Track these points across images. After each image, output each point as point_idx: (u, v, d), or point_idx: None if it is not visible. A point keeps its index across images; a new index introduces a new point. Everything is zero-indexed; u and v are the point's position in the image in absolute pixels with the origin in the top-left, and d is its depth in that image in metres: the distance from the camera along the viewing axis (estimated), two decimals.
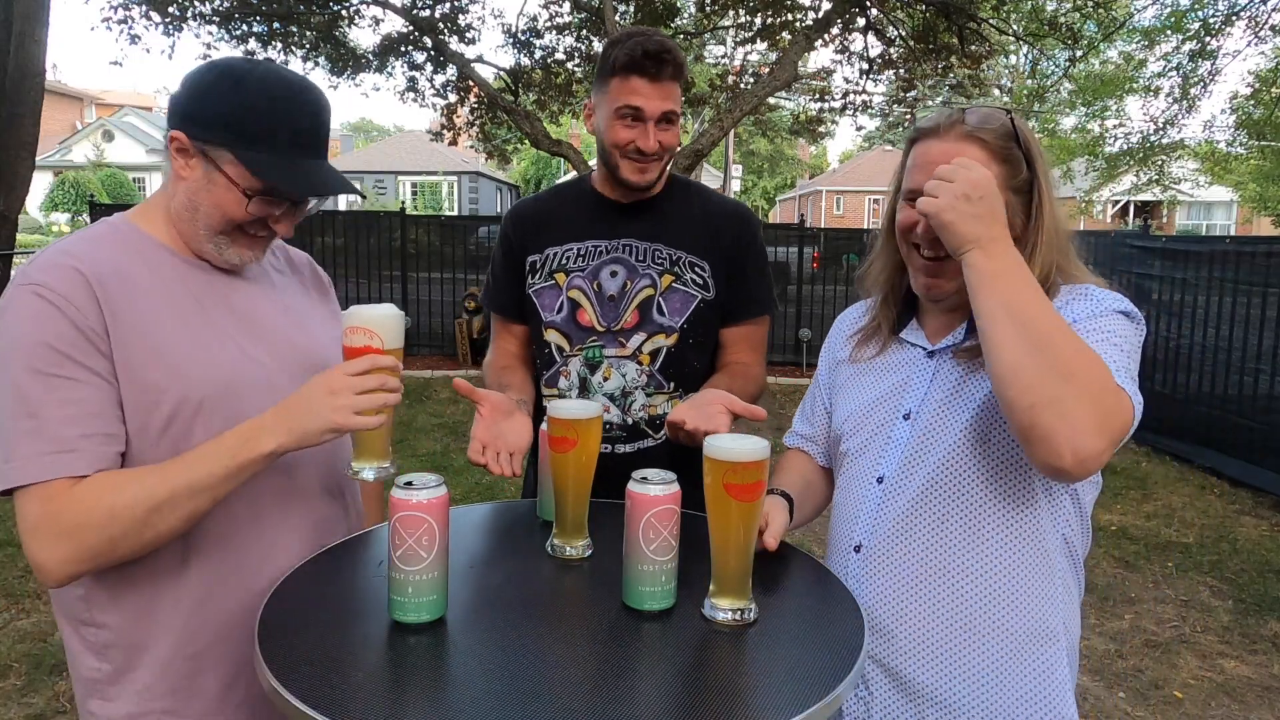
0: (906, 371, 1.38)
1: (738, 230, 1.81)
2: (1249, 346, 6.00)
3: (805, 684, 0.99)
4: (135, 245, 1.24)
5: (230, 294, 1.29)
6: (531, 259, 1.84)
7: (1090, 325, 1.20)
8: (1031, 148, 1.28)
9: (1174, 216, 32.83)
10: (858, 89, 11.74)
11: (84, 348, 1.12)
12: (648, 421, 1.78)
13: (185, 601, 1.21)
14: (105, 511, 1.09)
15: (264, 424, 1.15)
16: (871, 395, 1.41)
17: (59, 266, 1.14)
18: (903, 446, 1.33)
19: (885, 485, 1.34)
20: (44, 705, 2.94)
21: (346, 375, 1.15)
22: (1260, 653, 3.67)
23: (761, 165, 48.06)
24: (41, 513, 1.09)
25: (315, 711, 0.90)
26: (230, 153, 1.19)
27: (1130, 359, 1.20)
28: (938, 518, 1.28)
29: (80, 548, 1.09)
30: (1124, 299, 1.27)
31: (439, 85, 11.98)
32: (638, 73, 1.64)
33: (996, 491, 1.26)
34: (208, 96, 1.20)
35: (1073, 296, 1.26)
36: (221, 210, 1.22)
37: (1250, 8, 12.12)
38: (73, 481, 1.10)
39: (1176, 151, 16.98)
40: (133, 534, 1.11)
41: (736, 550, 1.16)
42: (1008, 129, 1.27)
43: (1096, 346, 1.15)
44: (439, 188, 35.58)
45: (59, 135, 33.65)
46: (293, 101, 1.21)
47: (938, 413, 1.31)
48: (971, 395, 1.28)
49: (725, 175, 23.74)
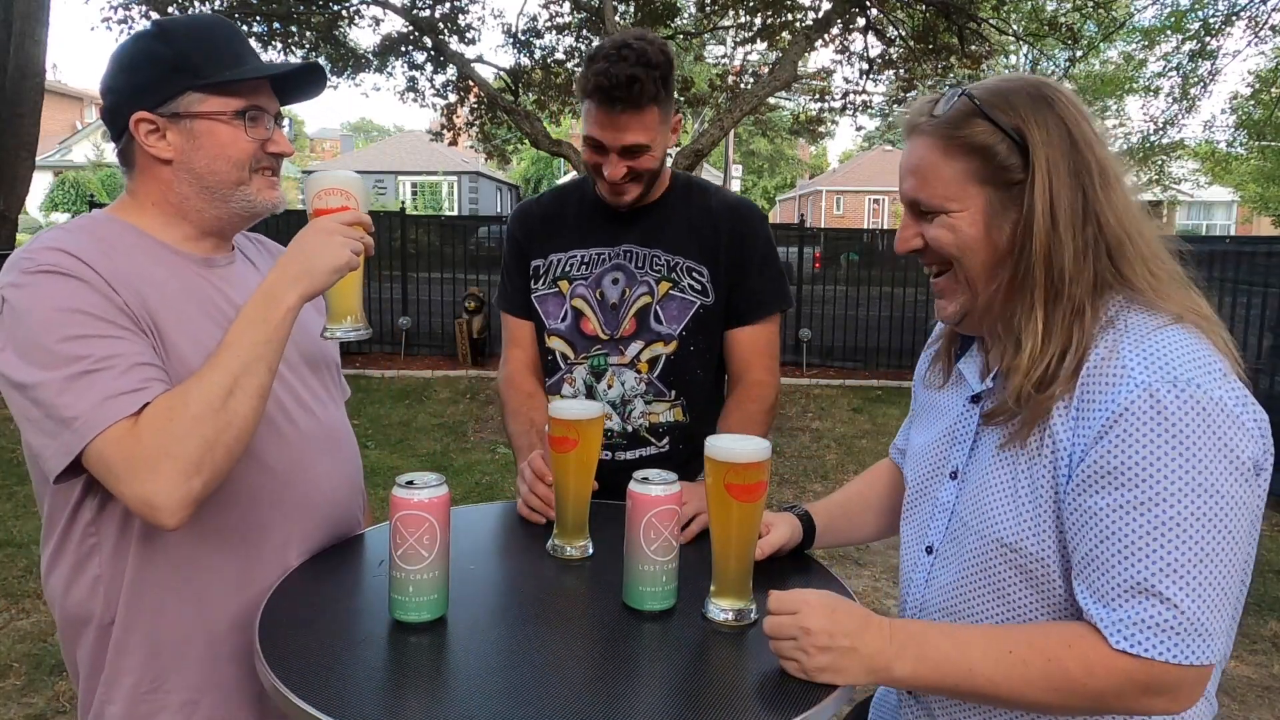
0: (954, 418, 1.15)
1: (737, 228, 1.75)
2: (1249, 346, 5.99)
3: (805, 684, 0.99)
4: (124, 237, 1.21)
5: (223, 285, 1.28)
6: (535, 263, 1.81)
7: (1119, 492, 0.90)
8: (1023, 121, 0.98)
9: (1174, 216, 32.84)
10: (858, 89, 11.73)
11: (114, 312, 1.11)
12: (648, 429, 1.77)
13: (188, 599, 1.21)
14: (186, 419, 1.06)
15: (274, 283, 1.15)
16: (927, 438, 1.20)
17: (59, 252, 1.12)
18: (948, 513, 1.13)
19: (935, 557, 1.14)
20: (44, 705, 2.94)
21: (335, 222, 1.18)
22: (1260, 653, 3.67)
23: (761, 165, 48.06)
24: (120, 454, 1.05)
25: (317, 710, 0.90)
26: (196, 92, 1.20)
27: (1197, 548, 0.88)
28: (981, 602, 1.06)
29: (181, 463, 1.05)
30: (1191, 353, 0.92)
31: (439, 85, 11.98)
32: (598, 103, 1.56)
33: (1036, 593, 1.01)
34: (147, 61, 1.20)
35: (1090, 386, 0.94)
36: (226, 156, 1.22)
37: (1250, 8, 12.14)
38: (131, 420, 1.06)
39: (1176, 151, 16.99)
40: (221, 427, 1.07)
41: (737, 550, 1.16)
42: (965, 111, 1.00)
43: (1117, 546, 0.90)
44: (439, 188, 35.58)
45: (59, 135, 33.63)
46: (213, 26, 1.24)
47: (983, 477, 1.06)
48: (1014, 464, 1.01)
49: (725, 175, 23.74)
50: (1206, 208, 33.84)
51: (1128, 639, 0.90)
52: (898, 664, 0.97)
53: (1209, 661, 0.89)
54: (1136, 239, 0.98)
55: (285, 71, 1.26)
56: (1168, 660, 0.88)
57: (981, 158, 0.99)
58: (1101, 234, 0.97)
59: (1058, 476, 0.97)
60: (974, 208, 1.01)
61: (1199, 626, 0.88)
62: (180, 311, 1.19)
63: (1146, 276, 0.98)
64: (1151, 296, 0.97)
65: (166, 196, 1.24)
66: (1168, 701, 0.92)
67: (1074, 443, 0.95)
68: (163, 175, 1.23)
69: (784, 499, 5.50)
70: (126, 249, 1.19)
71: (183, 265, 1.24)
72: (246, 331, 1.12)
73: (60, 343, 1.07)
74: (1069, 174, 0.97)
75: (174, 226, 1.25)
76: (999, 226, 1.00)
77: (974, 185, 1.00)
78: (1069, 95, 1.00)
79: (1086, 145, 0.97)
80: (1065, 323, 0.97)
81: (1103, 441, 0.91)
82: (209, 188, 1.23)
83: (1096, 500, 0.92)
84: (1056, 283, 0.97)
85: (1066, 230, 0.97)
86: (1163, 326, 0.95)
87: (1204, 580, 0.88)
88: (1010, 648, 0.95)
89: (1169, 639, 0.89)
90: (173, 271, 1.22)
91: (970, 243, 1.02)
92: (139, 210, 1.25)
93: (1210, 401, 0.88)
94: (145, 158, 1.22)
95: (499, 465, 6.02)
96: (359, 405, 7.54)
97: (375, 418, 7.12)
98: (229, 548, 1.22)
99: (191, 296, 1.22)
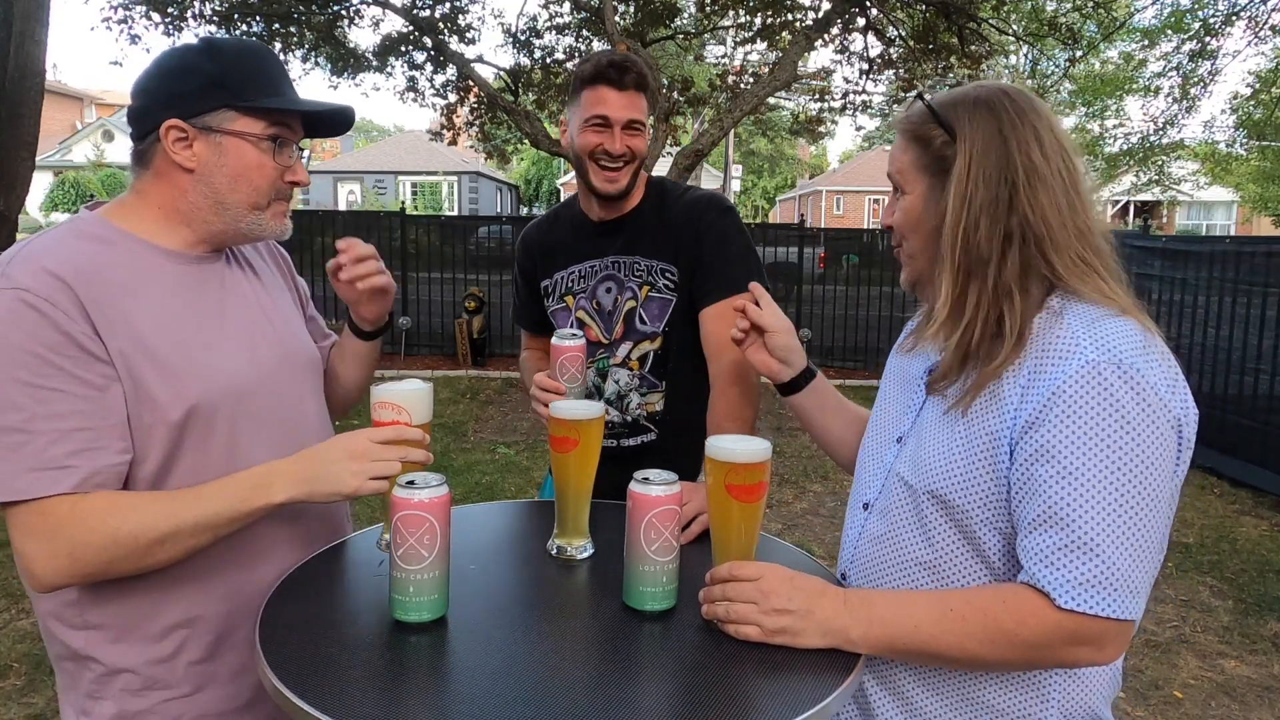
0: (909, 387, 1.26)
1: (694, 224, 1.82)
2: (1249, 346, 6.00)
3: (806, 685, 0.99)
4: (114, 243, 1.20)
5: (218, 286, 1.28)
6: (544, 284, 1.98)
7: (1062, 443, 0.99)
8: (956, 120, 1.09)
9: (1174, 216, 32.86)
10: (858, 89, 11.73)
11: (76, 356, 1.09)
12: (646, 418, 1.89)
13: (181, 602, 1.21)
14: (108, 535, 1.09)
15: (278, 471, 1.15)
16: (883, 408, 1.30)
17: (36, 271, 1.10)
18: (887, 471, 1.22)
19: (870, 512, 1.23)
20: (44, 705, 2.94)
21: (370, 442, 1.16)
22: (1260, 653, 3.67)
23: (761, 165, 48.05)
24: (40, 524, 1.08)
25: (317, 710, 0.90)
26: (231, 110, 1.21)
27: (1125, 493, 0.97)
28: (908, 547, 1.15)
29: (77, 564, 1.09)
30: (1133, 341, 1.01)
31: (439, 85, 11.97)
32: (604, 82, 1.74)
33: (960, 537, 1.11)
34: (190, 73, 1.21)
35: (1045, 359, 1.04)
36: (248, 177, 1.23)
37: (1250, 8, 12.13)
38: (76, 498, 1.08)
39: (1176, 152, 16.99)
40: (132, 560, 1.11)
41: (738, 550, 1.16)
42: (920, 110, 1.14)
43: (1062, 496, 0.99)
44: (439, 188, 35.57)
45: (59, 135, 33.63)
46: (259, 54, 1.26)
47: (922, 438, 1.17)
48: (953, 427, 1.11)
49: (725, 175, 23.74)
50: (1206, 208, 33.83)
51: (1063, 594, 0.98)
52: (853, 627, 1.07)
53: (1133, 617, 0.99)
54: (1060, 232, 1.07)
55: (321, 110, 1.28)
56: (1097, 614, 0.97)
57: (923, 148, 1.13)
58: (1027, 226, 1.06)
59: (999, 438, 1.05)
60: (917, 191, 1.15)
61: (1128, 583, 0.98)
62: (162, 314, 1.19)
63: (1071, 263, 1.07)
64: (1079, 285, 1.07)
65: (176, 203, 1.24)
66: (1093, 651, 1.01)
67: (1020, 408, 1.04)
68: (180, 182, 1.23)
69: (784, 499, 5.50)
70: (114, 257, 1.18)
71: (169, 265, 1.23)
72: (220, 499, 1.13)
73: (3, 382, 1.07)
74: (995, 169, 1.07)
75: (173, 232, 1.25)
76: (932, 208, 1.13)
77: (919, 172, 1.15)
78: (1024, 106, 1.10)
79: (1021, 148, 1.07)
80: (980, 298, 1.08)
81: (1050, 411, 1.00)
82: (223, 204, 1.23)
83: (1042, 470, 1.01)
84: (973, 262, 1.08)
85: (984, 217, 1.07)
86: (1111, 315, 1.05)
87: (1134, 543, 0.98)
88: (951, 606, 1.05)
89: (1100, 593, 0.97)
90: (159, 275, 1.21)
91: (912, 220, 1.17)
92: (140, 210, 1.24)
93: (1147, 385, 0.98)
94: (166, 163, 1.22)
95: (499, 465, 6.02)
96: (359, 405, 7.54)
97: None
98: (222, 549, 1.21)
99: (174, 298, 1.22)
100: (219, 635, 1.24)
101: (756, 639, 1.07)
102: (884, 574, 1.18)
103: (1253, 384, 5.97)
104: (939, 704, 1.14)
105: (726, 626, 1.09)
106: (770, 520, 4.99)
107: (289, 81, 1.28)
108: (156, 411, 1.15)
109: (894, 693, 1.18)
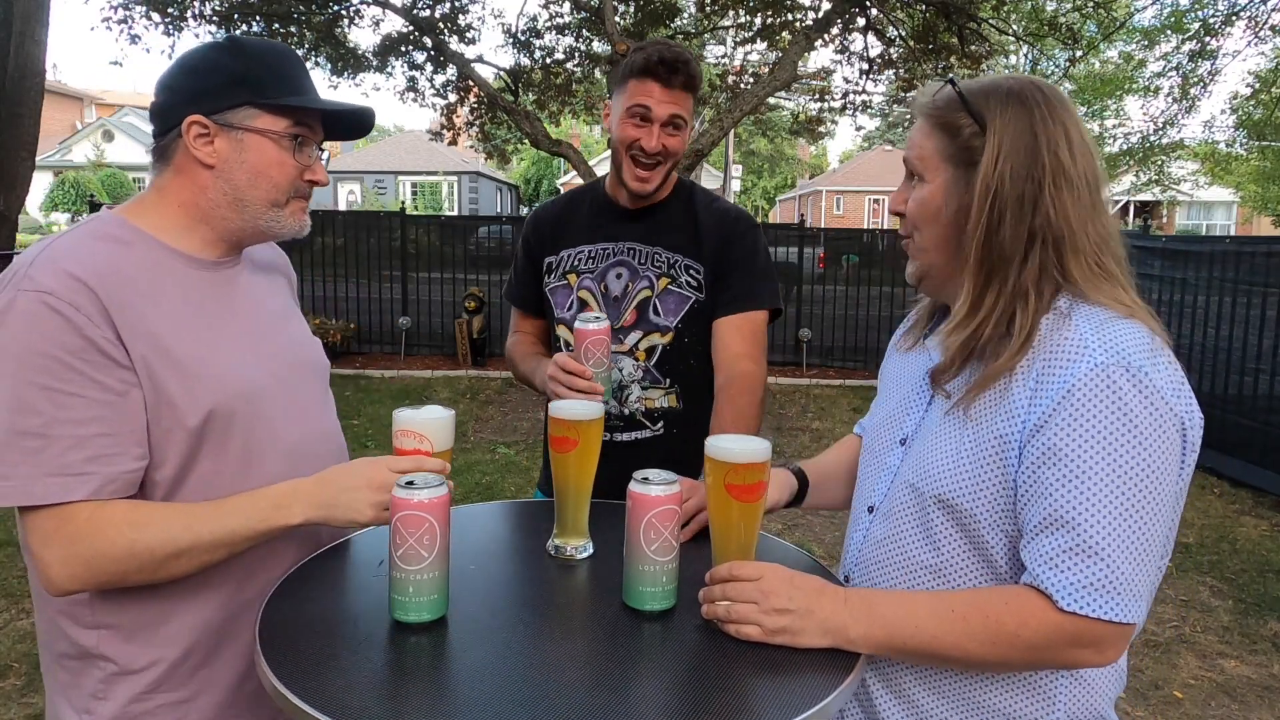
0: (912, 388, 1.24)
1: (725, 231, 1.86)
2: (1249, 346, 6.00)
3: (806, 685, 0.99)
4: (134, 244, 1.21)
5: (232, 292, 1.29)
6: (548, 260, 1.95)
7: (1069, 445, 0.98)
8: (988, 111, 1.06)
9: (1174, 216, 32.86)
10: (858, 89, 11.73)
11: (97, 361, 1.09)
12: (644, 413, 1.87)
13: (193, 604, 1.21)
14: (125, 547, 1.09)
15: (298, 493, 1.16)
16: (885, 409, 1.29)
17: (59, 274, 1.09)
18: (892, 474, 1.20)
19: (875, 515, 1.22)
20: (44, 705, 2.94)
21: (391, 471, 1.17)
22: (1260, 653, 3.67)
23: (761, 165, 48.05)
24: (57, 530, 1.08)
25: (317, 711, 0.90)
26: (253, 108, 1.21)
27: (1127, 499, 0.96)
28: (914, 550, 1.14)
29: (93, 572, 1.10)
30: (1141, 344, 1.00)
31: (439, 85, 11.97)
32: (652, 76, 1.74)
33: (965, 541, 1.10)
34: (214, 70, 1.21)
35: (1053, 360, 1.01)
36: (268, 174, 1.23)
37: (1250, 8, 12.13)
38: (95, 505, 1.09)
39: (1176, 151, 16.98)
40: (146, 572, 1.12)
41: (738, 550, 1.16)
42: (949, 96, 1.10)
43: (1065, 496, 0.98)
44: (439, 188, 35.57)
45: (59, 135, 33.64)
46: (283, 53, 1.26)
47: (927, 440, 1.15)
48: (960, 428, 1.09)
49: (725, 175, 23.72)
50: (1206, 208, 33.83)
51: (1066, 596, 0.98)
52: (853, 626, 1.06)
53: (1135, 620, 0.98)
54: (1081, 237, 1.05)
55: (342, 110, 1.29)
56: (1099, 617, 0.97)
57: (950, 136, 1.09)
58: (1049, 228, 1.04)
59: (1008, 441, 1.04)
60: (937, 181, 1.11)
61: (1131, 587, 0.97)
62: (179, 317, 1.19)
63: (1089, 269, 1.05)
64: (1093, 291, 1.05)
65: (196, 200, 1.24)
66: (1093, 654, 1.00)
67: (1030, 411, 1.02)
68: (200, 179, 1.23)
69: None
70: (132, 258, 1.19)
71: (187, 271, 1.24)
72: (239, 516, 1.14)
73: (23, 386, 1.07)
74: (1023, 166, 1.04)
75: (192, 230, 1.25)
76: (953, 201, 1.09)
77: (943, 161, 1.10)
78: (1055, 102, 1.07)
79: (1050, 147, 1.04)
80: (999, 299, 1.06)
81: (1058, 414, 0.99)
82: (242, 201, 1.24)
83: (1049, 472, 1.00)
84: (995, 261, 1.05)
85: (1009, 215, 1.04)
86: (1120, 318, 1.03)
87: (1138, 547, 0.97)
88: (953, 607, 1.04)
89: (1102, 597, 0.97)
90: (178, 280, 1.22)
91: (928, 211, 1.12)
92: (160, 209, 1.24)
93: (1155, 389, 0.97)
94: (187, 159, 1.22)
95: (499, 465, 6.02)
96: (359, 405, 7.55)
97: (375, 418, 7.11)
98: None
99: (191, 302, 1.22)
100: (223, 638, 1.24)
101: (757, 639, 1.06)
102: (888, 577, 1.18)
103: (1253, 384, 5.97)
104: (944, 707, 1.13)
105: (727, 626, 1.09)
106: (770, 520, 4.99)
107: (311, 82, 1.29)
108: (175, 416, 1.15)
109: (899, 696, 1.17)
